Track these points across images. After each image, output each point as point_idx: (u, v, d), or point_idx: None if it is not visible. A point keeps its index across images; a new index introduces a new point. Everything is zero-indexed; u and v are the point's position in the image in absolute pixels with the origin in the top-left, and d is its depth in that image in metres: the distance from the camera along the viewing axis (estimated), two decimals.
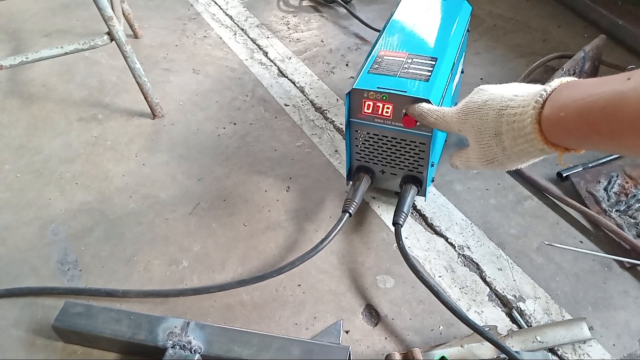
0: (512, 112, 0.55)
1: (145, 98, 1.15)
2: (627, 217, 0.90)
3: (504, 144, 0.57)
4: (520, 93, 0.56)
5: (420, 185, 0.88)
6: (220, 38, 1.44)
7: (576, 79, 0.52)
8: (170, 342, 0.72)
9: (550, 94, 0.52)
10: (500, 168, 0.62)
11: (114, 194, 1.01)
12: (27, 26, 1.52)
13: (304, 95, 1.23)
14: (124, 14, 1.34)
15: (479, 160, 0.63)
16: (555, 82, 0.52)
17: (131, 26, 1.43)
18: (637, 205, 0.91)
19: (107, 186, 1.03)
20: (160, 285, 0.86)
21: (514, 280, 0.83)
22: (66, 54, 1.06)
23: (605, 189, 0.94)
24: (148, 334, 0.73)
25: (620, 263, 0.84)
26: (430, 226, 0.92)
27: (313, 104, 1.20)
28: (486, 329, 0.71)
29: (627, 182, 0.94)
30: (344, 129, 1.11)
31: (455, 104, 0.75)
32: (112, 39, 1.05)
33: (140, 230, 0.94)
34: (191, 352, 0.71)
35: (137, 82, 1.13)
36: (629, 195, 0.92)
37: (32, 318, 0.81)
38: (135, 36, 1.45)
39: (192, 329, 0.73)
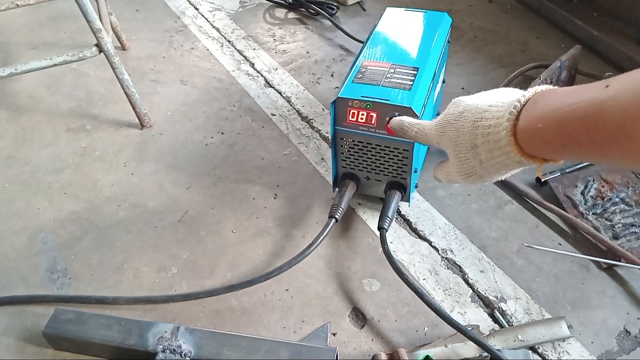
0: (487, 123, 0.53)
1: (134, 108, 1.17)
2: (604, 219, 0.93)
3: (480, 156, 0.55)
4: (494, 103, 0.54)
5: (404, 191, 0.91)
6: (208, 50, 1.46)
7: (552, 87, 0.50)
8: (161, 346, 0.73)
9: (524, 104, 0.50)
10: (480, 181, 0.60)
11: (102, 203, 1.02)
12: (14, 39, 1.53)
13: (291, 105, 1.25)
14: (112, 26, 1.35)
15: (458, 173, 0.61)
16: (530, 92, 0.50)
17: (119, 38, 1.44)
18: (612, 208, 0.94)
19: (96, 195, 1.04)
20: (150, 292, 0.87)
21: (496, 282, 0.85)
22: (55, 65, 1.07)
23: (582, 193, 0.97)
24: (138, 339, 0.74)
25: (598, 264, 0.87)
26: (415, 231, 0.95)
27: (299, 114, 1.22)
28: (469, 329, 0.73)
29: (603, 186, 0.98)
30: (329, 138, 1.13)
31: (438, 114, 0.78)
32: (100, 51, 1.07)
33: (129, 238, 0.95)
34: (181, 356, 0.72)
35: (126, 93, 1.14)
36: (605, 199, 0.96)
37: (21, 326, 0.82)
38: (123, 48, 1.46)
39: (182, 333, 0.74)
